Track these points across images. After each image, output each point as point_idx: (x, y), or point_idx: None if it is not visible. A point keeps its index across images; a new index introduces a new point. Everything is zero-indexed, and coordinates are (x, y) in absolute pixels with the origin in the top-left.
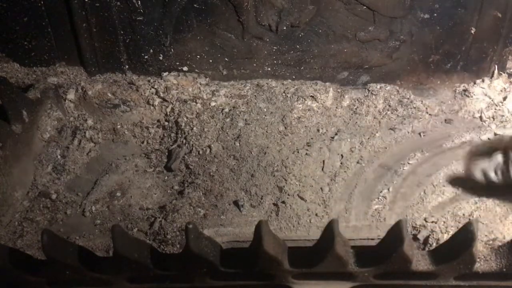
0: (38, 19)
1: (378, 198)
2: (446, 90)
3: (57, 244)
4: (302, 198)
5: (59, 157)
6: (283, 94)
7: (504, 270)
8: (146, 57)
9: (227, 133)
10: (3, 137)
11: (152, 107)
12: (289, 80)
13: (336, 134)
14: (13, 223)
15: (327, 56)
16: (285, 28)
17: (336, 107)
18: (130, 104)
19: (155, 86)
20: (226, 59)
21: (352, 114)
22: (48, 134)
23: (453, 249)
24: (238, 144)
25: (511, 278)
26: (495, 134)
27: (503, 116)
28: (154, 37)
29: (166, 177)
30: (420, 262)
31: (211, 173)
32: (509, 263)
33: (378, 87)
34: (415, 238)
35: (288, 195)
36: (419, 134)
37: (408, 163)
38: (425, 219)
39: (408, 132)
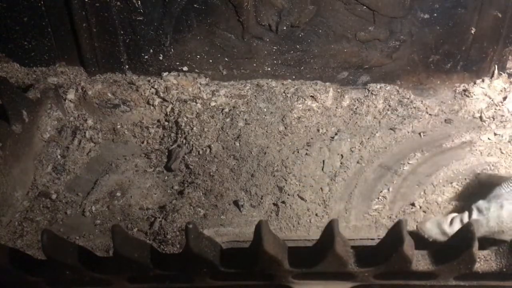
0: (38, 19)
1: (378, 198)
2: (446, 90)
3: (57, 244)
4: (302, 198)
5: (59, 157)
6: (283, 94)
7: (504, 270)
8: (146, 57)
9: (227, 133)
10: (3, 137)
11: (152, 107)
12: (289, 80)
13: (336, 134)
14: (13, 223)
15: (327, 56)
16: (285, 28)
17: (336, 107)
18: (130, 104)
19: (155, 86)
20: (226, 59)
21: (352, 114)
22: (48, 134)
23: (453, 249)
24: (238, 144)
25: (511, 278)
26: (495, 134)
27: (503, 116)
28: (154, 37)
29: (166, 177)
30: (420, 262)
31: (211, 173)
32: (509, 263)
33: (378, 87)
34: None
35: (288, 195)
36: (419, 134)
37: (408, 163)
38: None
39: (408, 132)
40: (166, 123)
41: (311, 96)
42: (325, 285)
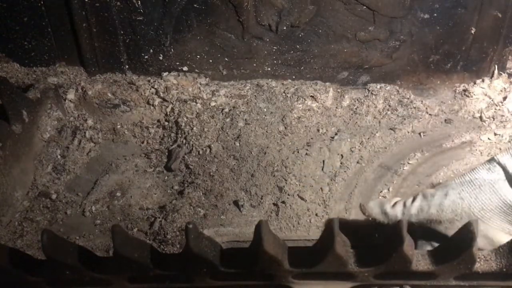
0: (38, 19)
1: (378, 198)
2: (446, 90)
3: (57, 244)
4: (302, 198)
5: (59, 157)
6: (283, 94)
7: (504, 270)
8: (146, 57)
9: (227, 133)
10: (3, 137)
11: (152, 107)
12: (289, 80)
13: (336, 134)
14: (13, 223)
15: (327, 56)
16: (285, 28)
17: (336, 107)
18: (130, 104)
19: (155, 86)
20: (226, 59)
21: (352, 114)
22: (48, 134)
23: (453, 249)
24: (238, 144)
25: (511, 278)
26: (495, 134)
27: (503, 116)
28: (154, 37)
29: (166, 177)
30: (420, 262)
31: (211, 173)
32: (509, 263)
33: (378, 87)
34: None
35: (288, 195)
36: (419, 134)
37: (408, 163)
38: None
39: (408, 132)
40: (166, 123)
41: (311, 96)
42: (325, 285)
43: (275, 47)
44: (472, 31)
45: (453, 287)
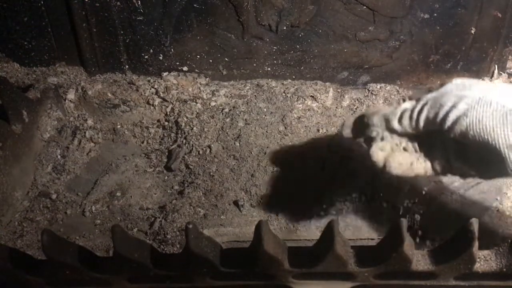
0: (38, 19)
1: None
2: None
3: (57, 244)
4: None
5: (59, 157)
6: (283, 94)
7: (504, 270)
8: (146, 57)
9: (227, 133)
10: (3, 137)
11: (152, 107)
12: (289, 80)
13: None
14: (13, 223)
15: (327, 56)
16: (285, 28)
17: (336, 107)
18: (130, 104)
19: (155, 86)
20: (226, 59)
21: (352, 114)
22: (48, 134)
23: (453, 249)
24: (238, 144)
25: (511, 278)
26: None
27: None
28: (154, 37)
29: (166, 177)
30: (420, 262)
31: (211, 173)
32: (509, 263)
33: (378, 87)
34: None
35: None
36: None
37: None
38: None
39: None
40: (166, 123)
41: (311, 96)
42: (325, 285)
43: (275, 47)
44: (472, 31)
45: (453, 287)
